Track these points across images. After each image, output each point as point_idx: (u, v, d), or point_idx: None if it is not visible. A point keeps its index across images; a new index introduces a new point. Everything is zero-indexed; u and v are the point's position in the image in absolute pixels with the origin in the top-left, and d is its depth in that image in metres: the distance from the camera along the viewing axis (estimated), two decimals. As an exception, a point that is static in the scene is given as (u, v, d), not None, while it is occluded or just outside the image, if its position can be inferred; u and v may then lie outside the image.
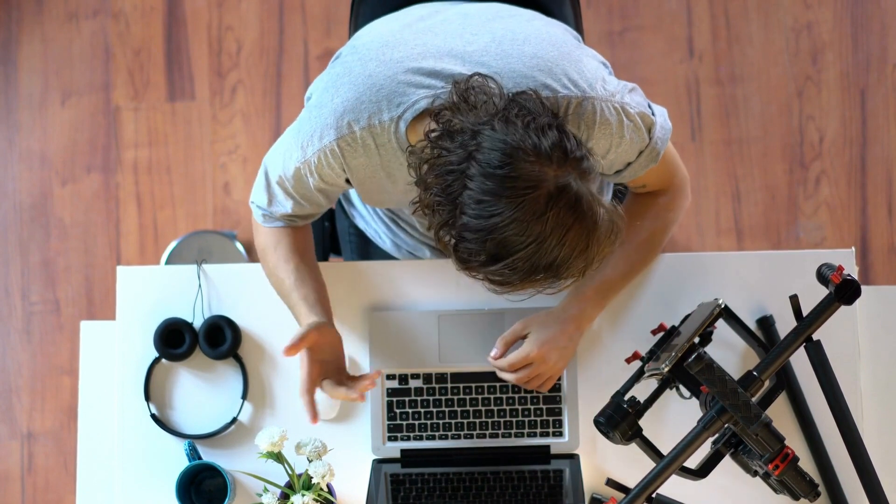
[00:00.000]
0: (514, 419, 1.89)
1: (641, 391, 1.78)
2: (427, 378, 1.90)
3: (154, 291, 1.94)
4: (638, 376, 1.78)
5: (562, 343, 1.83)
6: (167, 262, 2.80)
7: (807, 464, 1.87)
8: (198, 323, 1.93)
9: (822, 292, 1.72)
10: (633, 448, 1.72)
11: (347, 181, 1.70)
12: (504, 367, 1.84)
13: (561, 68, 1.61)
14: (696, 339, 1.71)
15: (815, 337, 1.70)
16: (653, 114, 1.70)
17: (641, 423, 1.70)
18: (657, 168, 1.74)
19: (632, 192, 1.87)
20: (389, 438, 1.89)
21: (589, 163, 1.48)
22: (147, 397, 1.91)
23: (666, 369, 1.68)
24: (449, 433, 1.89)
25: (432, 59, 1.61)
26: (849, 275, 1.66)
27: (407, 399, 1.89)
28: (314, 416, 1.69)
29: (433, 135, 1.51)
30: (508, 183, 1.42)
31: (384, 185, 1.68)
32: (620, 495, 1.66)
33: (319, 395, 1.90)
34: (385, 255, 2.08)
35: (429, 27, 1.67)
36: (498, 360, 1.84)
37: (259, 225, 1.84)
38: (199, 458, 1.88)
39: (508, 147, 1.43)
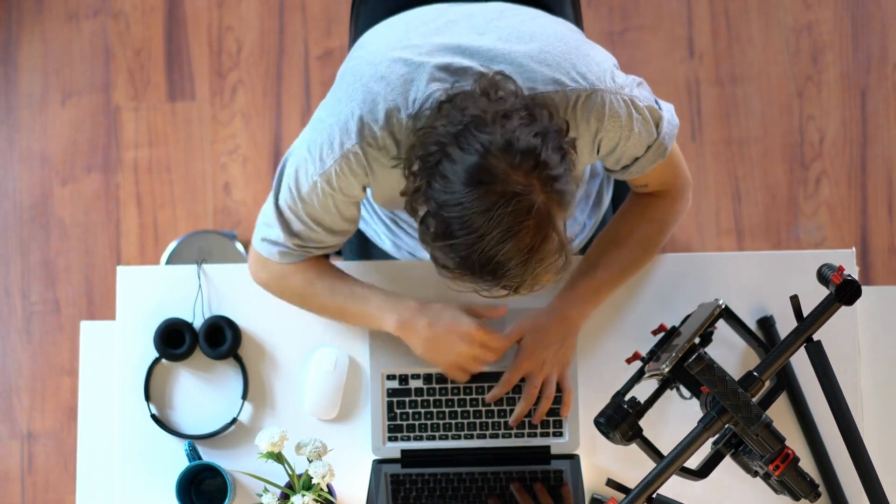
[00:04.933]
0: (514, 419, 1.89)
1: (642, 391, 1.78)
2: (427, 378, 1.90)
3: (154, 291, 1.94)
4: (638, 376, 1.78)
5: (554, 345, 1.83)
6: (167, 262, 2.80)
7: (807, 464, 1.87)
8: (198, 323, 1.93)
9: (823, 292, 1.72)
10: (633, 448, 1.72)
11: (363, 189, 1.69)
12: (505, 388, 1.84)
13: (570, 62, 1.61)
14: (697, 340, 1.71)
15: (815, 337, 1.70)
16: (660, 108, 1.70)
17: (642, 423, 1.70)
18: (662, 167, 1.74)
19: (632, 192, 1.87)
20: (389, 439, 1.89)
21: (562, 187, 1.47)
22: (147, 397, 1.91)
23: (666, 370, 1.68)
24: (449, 433, 1.89)
25: (441, 55, 1.61)
26: (849, 275, 1.66)
27: (407, 399, 1.89)
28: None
29: (439, 105, 1.54)
30: (473, 171, 1.45)
31: (399, 185, 1.68)
32: (620, 495, 1.66)
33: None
34: (385, 256, 2.08)
35: (435, 29, 1.67)
36: (494, 393, 1.85)
37: (277, 264, 1.81)
38: (199, 458, 1.88)
39: (488, 139, 1.45)
